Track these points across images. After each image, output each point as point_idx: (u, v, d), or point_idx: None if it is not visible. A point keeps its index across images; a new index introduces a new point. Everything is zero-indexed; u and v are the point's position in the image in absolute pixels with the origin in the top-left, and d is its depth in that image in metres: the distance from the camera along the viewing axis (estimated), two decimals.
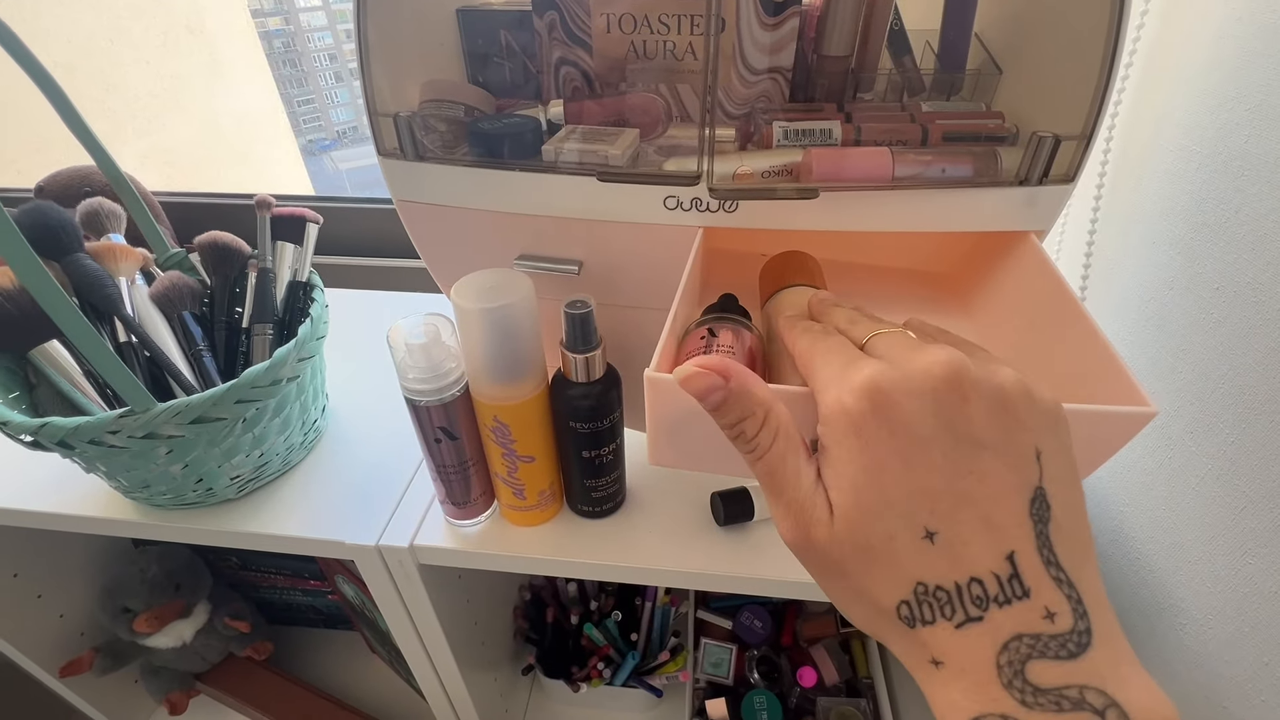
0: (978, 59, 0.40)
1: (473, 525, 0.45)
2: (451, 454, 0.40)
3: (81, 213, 0.47)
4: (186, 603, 0.69)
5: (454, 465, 0.41)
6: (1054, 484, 0.20)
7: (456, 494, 0.42)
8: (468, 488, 0.42)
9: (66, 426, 0.36)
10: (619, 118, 0.41)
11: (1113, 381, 0.26)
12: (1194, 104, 0.40)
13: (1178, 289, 0.41)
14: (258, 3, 33.98)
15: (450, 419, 0.38)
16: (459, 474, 0.41)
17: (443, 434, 0.39)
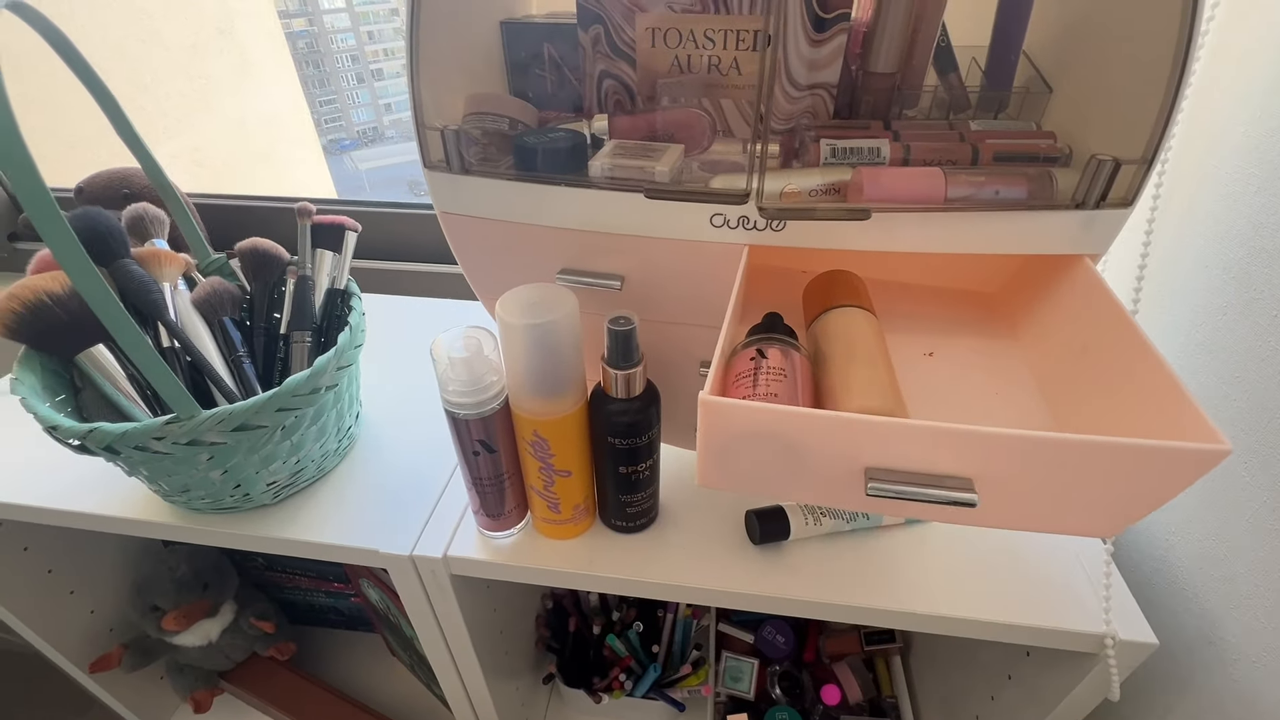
0: (1024, 76, 0.39)
1: (506, 537, 0.45)
2: (489, 466, 0.40)
3: (127, 218, 0.48)
4: (213, 602, 0.70)
5: (490, 478, 0.40)
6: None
7: (491, 506, 0.42)
8: (502, 500, 0.42)
9: (114, 432, 0.36)
10: (663, 132, 0.41)
11: (1180, 415, 0.25)
12: (1253, 127, 0.39)
13: (1232, 314, 0.40)
14: (284, 4, 34.51)
15: (489, 432, 0.38)
16: (494, 486, 0.41)
17: (481, 447, 0.39)
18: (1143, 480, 0.24)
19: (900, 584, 0.42)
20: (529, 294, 0.36)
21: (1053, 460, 0.24)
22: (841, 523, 0.44)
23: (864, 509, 0.29)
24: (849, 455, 0.26)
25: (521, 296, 0.35)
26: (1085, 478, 0.24)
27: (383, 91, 39.73)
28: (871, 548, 0.44)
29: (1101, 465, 0.24)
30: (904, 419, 0.25)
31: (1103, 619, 0.38)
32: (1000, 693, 0.52)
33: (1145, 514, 0.26)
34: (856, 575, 0.42)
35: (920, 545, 0.44)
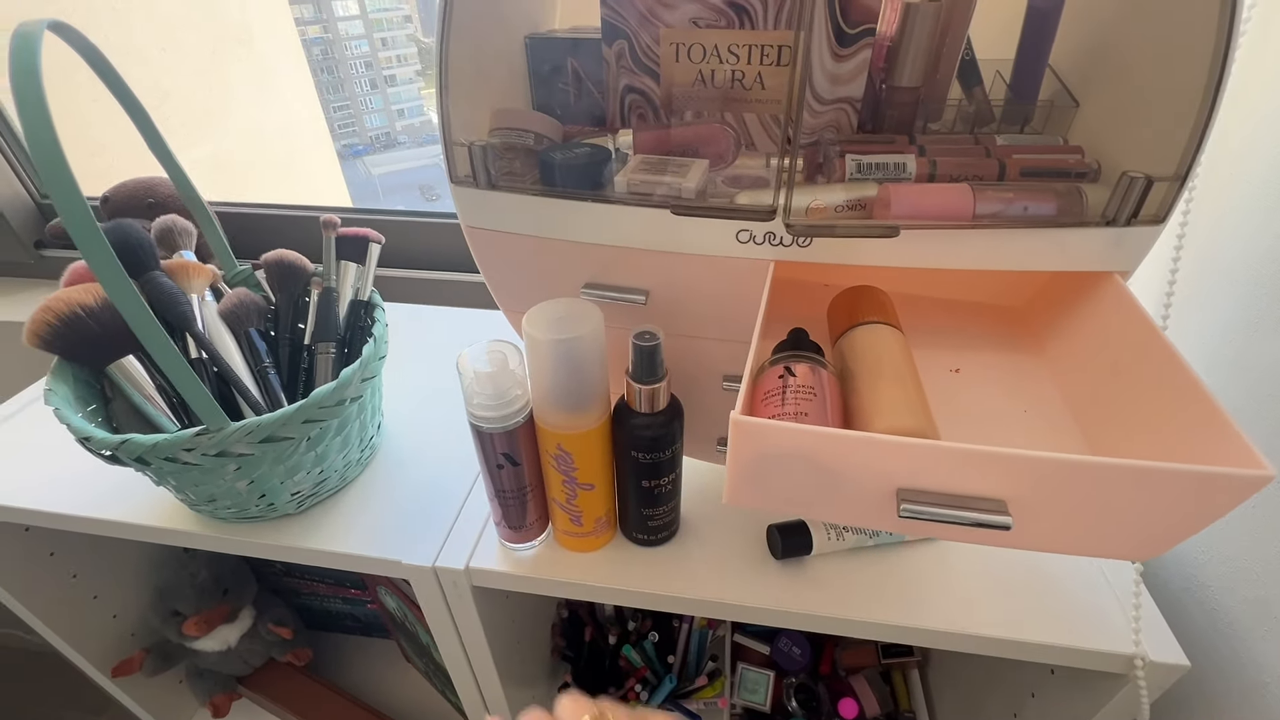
0: (1049, 90, 0.39)
1: (527, 549, 0.45)
2: (512, 479, 0.40)
3: (156, 230, 0.49)
4: (233, 607, 0.71)
5: (513, 490, 0.41)
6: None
7: (513, 518, 0.42)
8: (524, 512, 0.42)
9: (145, 443, 0.37)
10: (687, 146, 0.41)
11: (1219, 439, 0.25)
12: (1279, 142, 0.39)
13: (1263, 331, 0.40)
14: (299, 11, 34.96)
15: (513, 445, 0.38)
16: (517, 499, 0.41)
17: (505, 460, 0.39)
18: (1181, 505, 0.24)
19: (923, 600, 0.41)
20: (555, 309, 0.36)
21: (1089, 484, 0.24)
22: (864, 538, 0.44)
23: (896, 530, 0.29)
24: (881, 476, 0.26)
25: (548, 311, 0.36)
26: (1122, 502, 0.24)
27: (395, 97, 40.11)
28: (894, 563, 0.44)
29: (1139, 490, 0.24)
30: (937, 441, 0.24)
31: (1132, 640, 0.38)
32: (1023, 710, 0.52)
33: (1183, 539, 0.25)
34: (879, 591, 0.42)
35: (943, 561, 0.44)
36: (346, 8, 36.88)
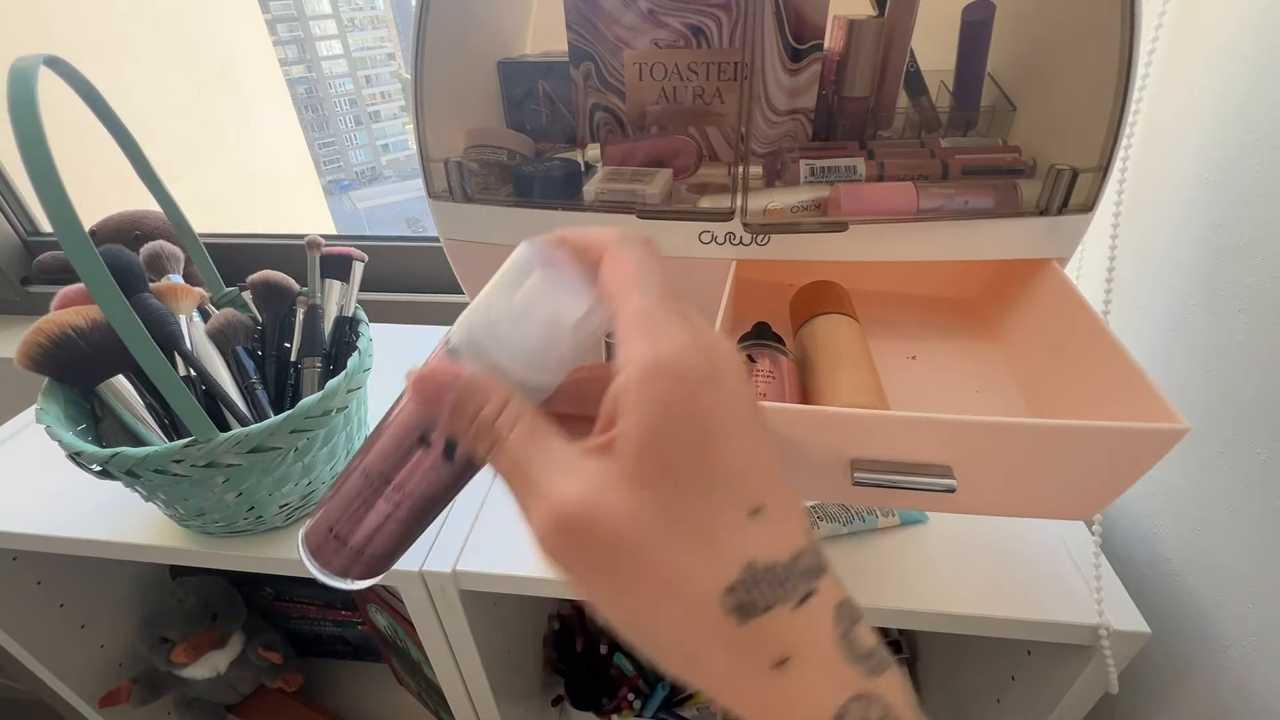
0: (991, 96, 0.42)
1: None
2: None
3: (145, 254, 0.50)
4: (222, 633, 0.70)
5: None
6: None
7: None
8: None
9: (135, 456, 0.38)
10: (653, 159, 0.44)
11: (1142, 400, 0.27)
12: (1205, 136, 0.42)
13: (1199, 311, 0.42)
14: (283, 52, 35.51)
15: None
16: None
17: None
18: (1110, 461, 0.26)
19: (898, 584, 0.43)
20: None
21: (1023, 445, 0.26)
22: (839, 526, 0.45)
23: (851, 500, 0.31)
24: (835, 448, 0.27)
25: None
26: (1056, 461, 0.26)
27: (380, 133, 40.57)
28: (868, 550, 0.45)
29: (1069, 448, 0.26)
30: (884, 410, 0.26)
31: (1095, 610, 0.39)
32: (1005, 695, 0.53)
33: (1117, 495, 0.27)
34: (855, 577, 0.43)
35: (916, 546, 0.45)
36: (330, 48, 37.47)
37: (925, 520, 0.46)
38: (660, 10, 0.40)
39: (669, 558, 0.15)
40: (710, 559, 0.15)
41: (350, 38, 38.87)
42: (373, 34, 40.40)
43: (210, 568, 0.70)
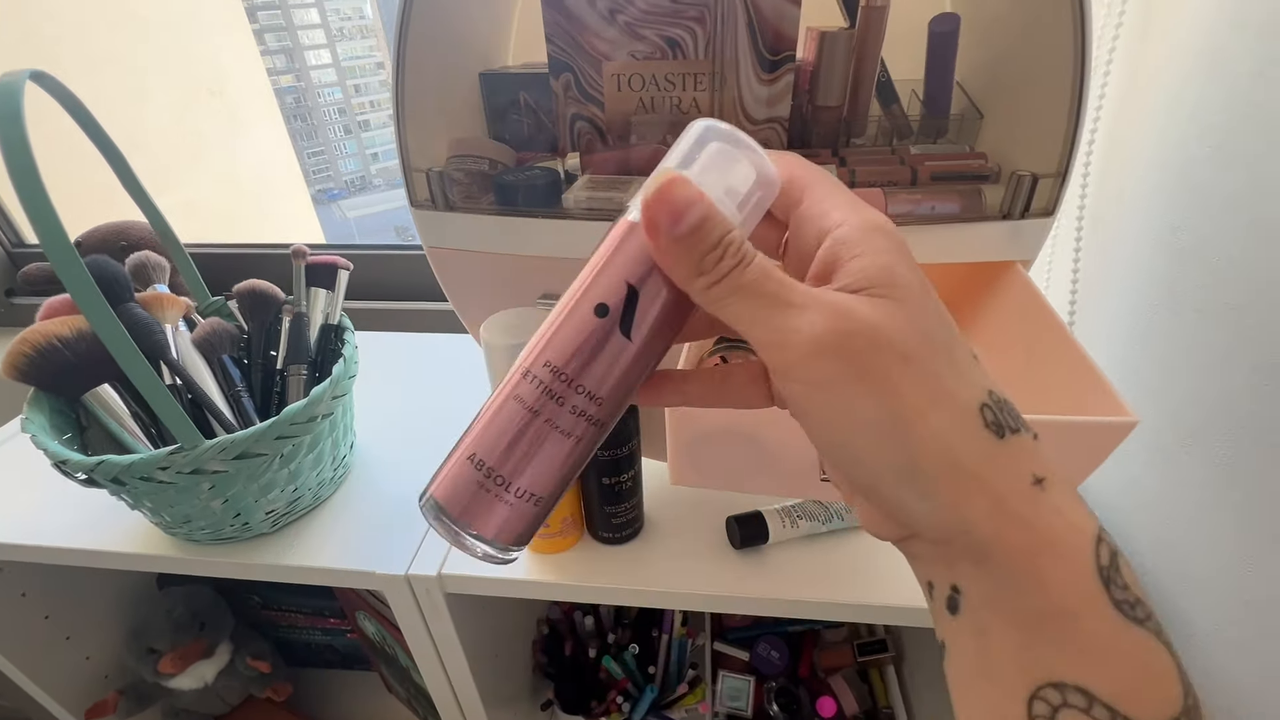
0: (960, 104, 0.43)
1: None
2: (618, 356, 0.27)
3: (131, 264, 0.51)
4: (210, 642, 0.70)
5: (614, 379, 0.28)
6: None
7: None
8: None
9: (121, 463, 0.38)
10: (630, 167, 0.45)
11: (1095, 394, 0.28)
12: (1161, 142, 0.43)
13: (1161, 312, 0.44)
14: (271, 61, 35.48)
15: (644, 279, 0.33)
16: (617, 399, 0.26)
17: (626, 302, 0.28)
18: (1065, 453, 0.27)
19: (876, 580, 0.44)
20: (511, 317, 0.39)
21: None
22: (818, 524, 0.46)
23: (820, 495, 0.32)
24: (805, 444, 0.28)
25: (503, 320, 0.38)
26: None
27: (369, 142, 40.51)
28: (847, 547, 0.46)
29: None
30: None
31: None
32: None
33: (1077, 484, 0.28)
34: (834, 574, 0.44)
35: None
36: (319, 57, 37.42)
37: None
38: (637, 23, 0.42)
39: (931, 368, 0.16)
40: (961, 379, 0.16)
41: (339, 47, 38.89)
42: (361, 43, 40.45)
43: (197, 577, 0.71)
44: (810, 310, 0.16)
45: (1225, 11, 0.38)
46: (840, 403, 0.16)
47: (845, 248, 0.17)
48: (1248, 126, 0.37)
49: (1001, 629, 0.16)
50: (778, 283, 0.16)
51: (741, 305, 0.17)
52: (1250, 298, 0.36)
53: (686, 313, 0.19)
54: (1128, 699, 0.15)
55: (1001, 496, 0.15)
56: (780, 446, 0.29)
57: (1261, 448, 0.36)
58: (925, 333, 0.16)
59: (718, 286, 0.17)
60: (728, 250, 0.17)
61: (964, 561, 0.16)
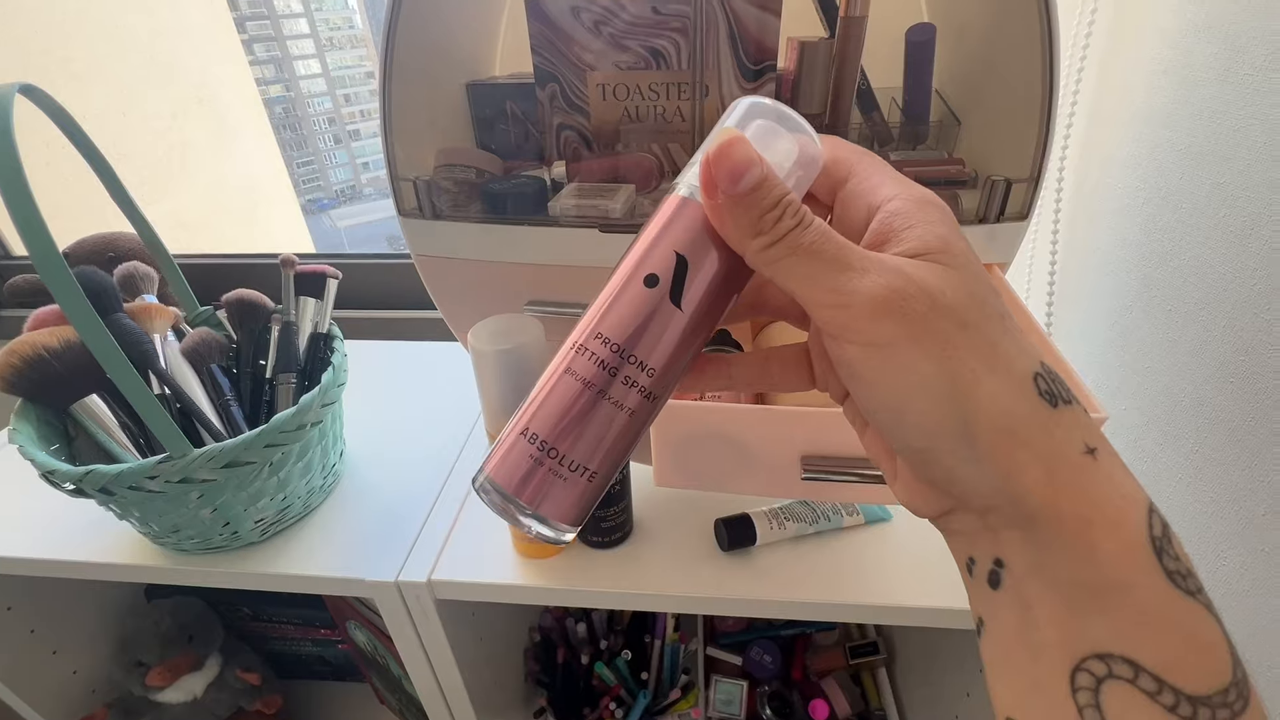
0: (939, 111, 0.44)
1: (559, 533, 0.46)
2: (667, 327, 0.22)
3: (119, 275, 0.51)
4: (199, 655, 0.70)
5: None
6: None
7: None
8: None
9: (109, 473, 0.38)
10: (616, 175, 0.45)
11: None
12: (1133, 148, 0.45)
13: (1135, 312, 0.45)
14: (260, 71, 35.44)
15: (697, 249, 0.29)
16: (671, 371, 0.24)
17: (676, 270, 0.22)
18: None
19: (863, 580, 0.44)
20: (498, 324, 0.39)
21: None
22: (805, 526, 0.47)
23: (802, 494, 0.32)
24: (786, 444, 0.29)
25: (491, 326, 0.39)
26: None
27: (359, 151, 40.46)
28: (834, 548, 0.47)
29: None
30: (831, 408, 0.28)
31: None
32: (974, 688, 0.55)
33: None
34: (821, 574, 0.45)
35: (881, 543, 0.47)
36: (309, 67, 37.41)
37: (890, 518, 0.48)
38: (621, 35, 0.42)
39: (987, 335, 0.16)
40: (1015, 348, 0.16)
41: (329, 56, 38.89)
42: (351, 53, 40.47)
43: (186, 589, 0.70)
44: (871, 272, 0.16)
45: (1190, 21, 0.40)
46: (898, 364, 0.16)
47: (899, 219, 0.17)
48: (1213, 131, 0.38)
49: (1046, 600, 0.16)
50: (837, 245, 0.16)
51: (801, 266, 0.17)
52: (1216, 296, 0.37)
53: (736, 284, 0.19)
54: (1176, 669, 0.15)
55: (1054, 464, 0.15)
56: (762, 447, 0.29)
57: (1229, 442, 0.37)
58: (981, 300, 0.16)
59: (776, 246, 0.17)
60: (786, 210, 0.17)
61: (1011, 530, 0.16)
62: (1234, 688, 0.15)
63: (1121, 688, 0.15)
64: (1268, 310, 0.34)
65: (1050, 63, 0.34)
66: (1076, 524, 0.15)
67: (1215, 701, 0.14)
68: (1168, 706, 0.14)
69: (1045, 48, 0.34)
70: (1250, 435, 0.36)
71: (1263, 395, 0.35)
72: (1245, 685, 0.15)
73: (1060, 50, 0.34)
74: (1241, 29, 0.36)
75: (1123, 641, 0.15)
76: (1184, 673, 0.15)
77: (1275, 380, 0.34)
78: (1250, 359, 0.36)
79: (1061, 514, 0.15)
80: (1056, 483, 0.15)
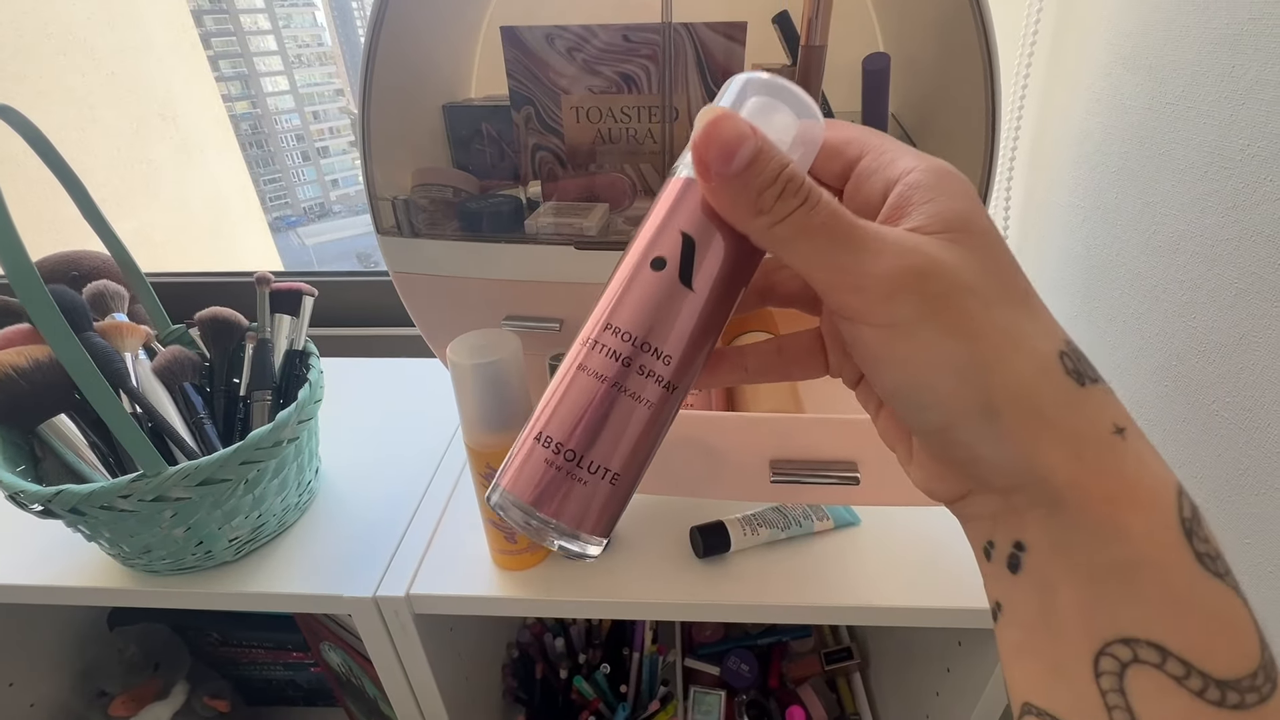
0: (896, 135, 0.47)
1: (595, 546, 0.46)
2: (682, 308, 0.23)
3: (89, 294, 0.50)
4: (164, 682, 0.68)
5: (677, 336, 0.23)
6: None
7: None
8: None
9: (80, 493, 0.38)
10: (590, 194, 0.47)
11: None
12: (1074, 168, 0.48)
13: (1080, 321, 0.48)
14: (226, 88, 34.91)
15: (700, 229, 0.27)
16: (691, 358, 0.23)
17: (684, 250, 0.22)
18: None
19: (835, 583, 0.46)
20: (476, 338, 0.40)
21: None
22: (777, 531, 0.48)
23: (771, 498, 0.34)
24: (756, 450, 0.30)
25: (469, 341, 0.40)
26: None
27: (328, 168, 39.99)
28: (807, 553, 0.48)
29: None
30: (797, 414, 0.29)
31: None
32: (943, 687, 0.56)
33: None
34: (795, 578, 0.46)
35: (851, 547, 0.48)
36: (276, 84, 36.99)
37: (858, 523, 0.50)
38: (594, 61, 0.44)
39: (1009, 314, 0.15)
40: (1039, 327, 0.16)
41: (296, 74, 38.52)
42: (320, 70, 40.15)
43: (151, 616, 0.69)
44: (886, 252, 0.15)
45: (1119, 54, 0.43)
46: (917, 345, 0.15)
47: (918, 191, 0.16)
48: (1141, 154, 0.41)
49: (1069, 583, 0.15)
50: (849, 223, 0.16)
51: (810, 247, 0.16)
52: (1149, 306, 0.40)
53: (748, 262, 0.18)
54: (1204, 653, 0.14)
55: (1082, 443, 0.15)
56: (732, 452, 0.31)
57: (1166, 440, 0.39)
58: (1003, 278, 0.16)
59: (782, 226, 0.16)
60: (788, 186, 0.16)
61: (1035, 510, 0.16)
62: (1262, 670, 0.14)
63: (1147, 672, 0.14)
64: (1194, 319, 0.37)
65: (991, 91, 0.37)
66: (1105, 504, 0.15)
67: (1244, 685, 0.14)
68: (1195, 691, 0.14)
69: (986, 77, 0.36)
70: (1183, 435, 0.38)
71: (1193, 398, 0.37)
72: (1273, 668, 0.15)
73: (1000, 79, 0.36)
74: (1163, 62, 0.39)
75: (1150, 625, 0.14)
76: (1213, 656, 0.14)
77: (1203, 383, 0.37)
78: (1182, 364, 0.38)
79: (1089, 493, 0.15)
80: (1084, 462, 0.15)
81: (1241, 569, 0.15)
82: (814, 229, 0.16)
